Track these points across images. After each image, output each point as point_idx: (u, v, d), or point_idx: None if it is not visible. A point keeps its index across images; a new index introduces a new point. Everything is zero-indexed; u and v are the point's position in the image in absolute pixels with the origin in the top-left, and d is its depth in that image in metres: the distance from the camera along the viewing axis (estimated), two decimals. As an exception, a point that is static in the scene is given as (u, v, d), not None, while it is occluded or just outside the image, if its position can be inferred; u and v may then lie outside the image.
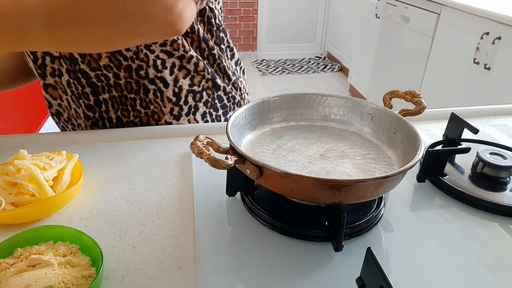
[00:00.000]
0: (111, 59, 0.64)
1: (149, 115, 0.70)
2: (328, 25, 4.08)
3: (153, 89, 0.68)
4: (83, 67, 0.64)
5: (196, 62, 0.69)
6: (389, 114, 0.53)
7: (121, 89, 0.67)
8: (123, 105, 0.69)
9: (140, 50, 0.64)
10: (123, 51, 0.63)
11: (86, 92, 0.67)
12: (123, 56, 0.64)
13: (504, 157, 0.55)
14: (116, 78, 0.66)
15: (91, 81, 0.66)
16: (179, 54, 0.66)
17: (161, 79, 0.67)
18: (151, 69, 0.66)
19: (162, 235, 0.45)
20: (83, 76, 0.65)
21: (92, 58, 0.63)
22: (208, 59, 0.72)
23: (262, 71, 3.80)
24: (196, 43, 0.69)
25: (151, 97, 0.68)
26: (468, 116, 0.79)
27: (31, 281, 0.34)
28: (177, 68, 0.67)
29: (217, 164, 0.38)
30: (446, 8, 1.95)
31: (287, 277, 0.39)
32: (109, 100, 0.68)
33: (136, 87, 0.67)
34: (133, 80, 0.66)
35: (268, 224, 0.46)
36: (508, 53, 1.60)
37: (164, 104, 0.69)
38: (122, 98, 0.68)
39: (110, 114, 0.70)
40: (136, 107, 0.69)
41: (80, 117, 0.71)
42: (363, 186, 0.39)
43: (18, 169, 0.47)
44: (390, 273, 0.41)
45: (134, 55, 0.64)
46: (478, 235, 0.46)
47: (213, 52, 0.71)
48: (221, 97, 0.75)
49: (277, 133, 0.56)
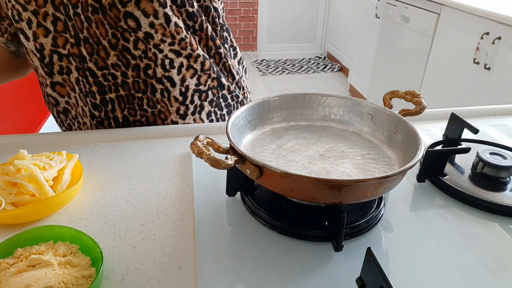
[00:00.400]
0: (120, 57, 0.64)
1: (155, 115, 0.71)
2: (328, 25, 4.08)
3: (160, 89, 0.68)
4: (91, 66, 0.65)
5: (203, 61, 0.69)
6: (389, 114, 0.53)
7: (128, 87, 0.67)
8: (130, 104, 0.69)
9: (149, 49, 0.64)
10: (132, 49, 0.64)
11: (93, 90, 0.67)
12: (131, 54, 0.64)
13: (504, 157, 0.55)
14: (124, 77, 0.66)
15: (98, 80, 0.66)
16: (186, 53, 0.67)
17: (168, 79, 0.67)
18: (159, 68, 0.66)
19: (162, 235, 0.45)
20: (90, 74, 0.65)
21: (100, 57, 0.64)
22: (214, 58, 0.72)
23: (262, 71, 3.80)
24: (204, 41, 0.69)
25: (158, 96, 0.68)
26: (468, 116, 0.79)
27: (31, 281, 0.34)
28: (185, 68, 0.68)
29: (217, 164, 0.38)
30: (446, 8, 1.95)
31: (287, 277, 0.39)
32: (116, 100, 0.68)
33: (143, 86, 0.67)
34: (140, 80, 0.67)
35: (268, 224, 0.46)
36: (508, 53, 1.60)
37: (170, 103, 0.70)
38: (129, 97, 0.68)
39: (116, 114, 0.70)
40: (143, 106, 0.69)
41: (86, 115, 0.71)
42: (363, 186, 0.39)
43: (18, 169, 0.47)
44: (390, 273, 0.41)
45: (142, 54, 0.64)
46: (478, 235, 0.46)
47: (219, 51, 0.72)
48: (225, 96, 0.76)
49: (277, 133, 0.56)
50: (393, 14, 2.44)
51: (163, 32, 0.63)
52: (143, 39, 0.63)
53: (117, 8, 0.60)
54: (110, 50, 0.63)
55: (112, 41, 0.63)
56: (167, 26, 0.63)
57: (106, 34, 0.62)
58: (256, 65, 3.96)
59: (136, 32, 0.62)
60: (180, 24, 0.65)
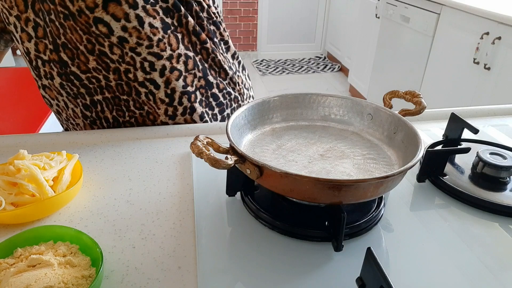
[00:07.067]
0: (98, 62, 0.62)
1: (144, 116, 0.70)
2: (328, 25, 4.08)
3: (144, 92, 0.66)
4: (74, 70, 0.64)
5: (185, 60, 0.67)
6: (389, 114, 0.53)
7: (113, 90, 0.66)
8: (117, 106, 0.68)
9: (125, 53, 0.62)
10: (109, 53, 0.62)
11: (81, 92, 0.67)
12: (109, 58, 0.62)
13: (504, 157, 0.55)
14: (106, 80, 0.65)
15: (83, 83, 0.65)
16: (167, 55, 0.64)
17: (151, 81, 0.65)
18: (139, 71, 0.64)
19: (162, 235, 0.45)
20: (75, 78, 0.65)
21: (81, 61, 0.63)
22: (201, 54, 0.69)
23: (262, 71, 3.80)
24: (187, 38, 0.67)
25: (143, 98, 0.67)
26: (468, 116, 0.79)
27: (31, 281, 0.34)
28: (168, 71, 0.66)
29: (217, 164, 0.38)
30: (446, 8, 1.95)
31: (287, 277, 0.39)
32: (103, 101, 0.68)
33: (127, 89, 0.66)
34: (123, 82, 0.65)
35: (268, 224, 0.46)
36: (508, 53, 1.60)
37: (157, 106, 0.68)
38: (115, 99, 0.67)
39: (106, 114, 0.69)
40: (130, 107, 0.68)
41: (78, 116, 0.71)
42: (363, 186, 0.39)
43: (18, 169, 0.47)
44: (390, 273, 0.41)
45: (120, 58, 0.62)
46: (478, 235, 0.46)
47: (205, 46, 0.69)
48: (215, 95, 0.74)
49: (277, 133, 0.56)
50: (393, 14, 2.44)
51: (138, 35, 0.61)
52: (117, 43, 0.61)
53: (86, 14, 0.57)
54: (88, 55, 0.62)
55: (88, 46, 0.61)
56: (141, 28, 0.60)
57: (81, 39, 0.60)
58: (256, 65, 3.96)
59: (109, 38, 0.60)
60: (156, 24, 0.62)
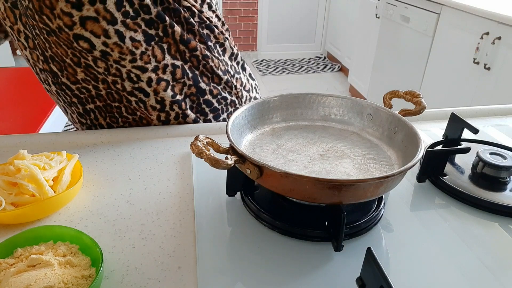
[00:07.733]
0: (86, 73, 0.62)
1: (137, 121, 0.70)
2: (328, 25, 4.08)
3: (135, 100, 0.66)
4: (64, 81, 0.64)
5: (173, 70, 0.65)
6: (389, 114, 0.53)
7: (103, 99, 0.66)
8: (110, 113, 0.68)
9: (110, 66, 0.61)
10: (94, 66, 0.61)
11: (74, 101, 0.67)
12: (96, 70, 0.61)
13: (504, 157, 0.55)
14: (96, 90, 0.65)
15: (75, 93, 0.66)
16: (152, 67, 0.63)
17: (140, 90, 0.65)
18: (126, 81, 0.63)
19: (162, 235, 0.45)
20: (66, 88, 0.65)
21: (69, 73, 0.62)
22: (191, 61, 0.67)
23: (262, 71, 3.80)
24: (174, 47, 0.64)
25: (134, 105, 0.67)
26: (468, 116, 0.79)
27: (31, 281, 0.34)
28: (155, 82, 0.64)
29: (217, 164, 0.38)
30: (446, 8, 1.94)
31: (287, 277, 0.39)
32: (96, 110, 0.68)
33: (118, 97, 0.66)
34: (113, 91, 0.65)
35: (268, 224, 0.46)
36: (508, 53, 1.60)
37: (149, 112, 0.68)
38: (107, 107, 0.67)
39: (100, 121, 0.70)
40: (122, 114, 0.68)
41: (75, 121, 0.72)
42: (363, 186, 0.39)
43: (18, 169, 0.47)
44: (390, 273, 0.41)
45: (105, 71, 0.62)
46: (478, 235, 0.46)
47: (195, 53, 0.66)
48: (208, 101, 0.71)
49: (277, 133, 0.56)
50: (393, 14, 2.44)
51: (120, 50, 0.59)
52: (100, 57, 0.60)
53: (65, 31, 0.56)
54: (75, 67, 0.61)
55: (74, 60, 0.60)
56: (122, 43, 0.59)
57: (66, 53, 0.60)
58: (256, 65, 3.96)
59: (92, 52, 0.59)
60: (138, 37, 0.60)
